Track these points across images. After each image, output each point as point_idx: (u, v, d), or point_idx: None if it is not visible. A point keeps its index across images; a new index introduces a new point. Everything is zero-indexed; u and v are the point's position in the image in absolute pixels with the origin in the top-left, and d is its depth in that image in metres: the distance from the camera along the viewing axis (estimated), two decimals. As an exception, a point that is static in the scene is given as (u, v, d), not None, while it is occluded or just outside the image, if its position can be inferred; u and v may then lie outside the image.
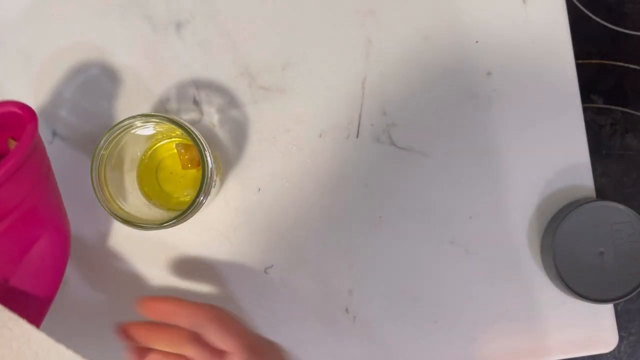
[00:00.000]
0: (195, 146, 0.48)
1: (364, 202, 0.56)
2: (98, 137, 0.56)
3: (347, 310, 0.56)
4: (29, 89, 0.57)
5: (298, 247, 0.56)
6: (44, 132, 0.56)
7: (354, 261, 0.56)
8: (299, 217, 0.56)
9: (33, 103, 0.56)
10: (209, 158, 0.48)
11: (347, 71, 0.57)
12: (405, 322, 0.56)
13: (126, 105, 0.56)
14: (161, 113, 0.55)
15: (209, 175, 0.48)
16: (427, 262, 0.56)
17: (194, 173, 0.54)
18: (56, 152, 0.56)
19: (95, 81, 0.56)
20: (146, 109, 0.56)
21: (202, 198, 0.48)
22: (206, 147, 0.49)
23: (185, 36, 0.57)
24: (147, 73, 0.56)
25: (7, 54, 0.57)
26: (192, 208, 0.48)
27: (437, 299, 0.56)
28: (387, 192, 0.56)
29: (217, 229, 0.56)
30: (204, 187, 0.48)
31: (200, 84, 0.56)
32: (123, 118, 0.56)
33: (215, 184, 0.51)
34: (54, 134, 0.56)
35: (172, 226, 0.49)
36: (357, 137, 0.56)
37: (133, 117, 0.48)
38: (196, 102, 0.56)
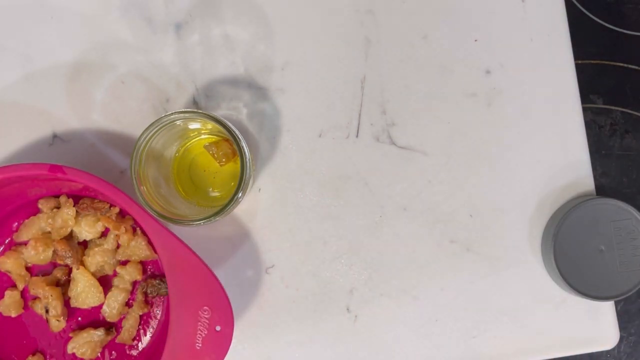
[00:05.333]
0: (232, 139, 0.48)
1: (364, 202, 0.56)
2: (98, 139, 0.56)
3: (348, 309, 0.56)
4: (29, 91, 0.57)
5: (298, 247, 0.56)
6: (44, 133, 0.56)
7: (354, 261, 0.56)
8: (299, 217, 0.56)
9: (33, 105, 0.56)
10: (246, 149, 0.48)
11: (347, 71, 0.57)
12: (406, 322, 0.56)
13: (126, 107, 0.56)
14: (194, 109, 0.55)
15: (248, 166, 0.48)
16: (428, 261, 0.56)
17: (227, 170, 0.54)
18: (57, 154, 0.56)
19: (95, 83, 0.57)
20: (146, 110, 0.56)
21: (240, 194, 0.48)
22: (242, 139, 0.49)
23: (185, 37, 0.57)
24: (147, 74, 0.56)
25: (7, 56, 0.57)
26: (232, 203, 0.48)
27: (437, 298, 0.56)
28: (387, 192, 0.56)
29: (217, 229, 0.56)
30: (244, 179, 0.48)
31: (200, 85, 0.56)
32: (127, 119, 0.56)
33: (251, 178, 0.51)
34: (54, 136, 0.56)
35: (209, 222, 0.48)
36: (356, 136, 0.57)
37: (171, 113, 0.48)
38: (196, 103, 0.56)
